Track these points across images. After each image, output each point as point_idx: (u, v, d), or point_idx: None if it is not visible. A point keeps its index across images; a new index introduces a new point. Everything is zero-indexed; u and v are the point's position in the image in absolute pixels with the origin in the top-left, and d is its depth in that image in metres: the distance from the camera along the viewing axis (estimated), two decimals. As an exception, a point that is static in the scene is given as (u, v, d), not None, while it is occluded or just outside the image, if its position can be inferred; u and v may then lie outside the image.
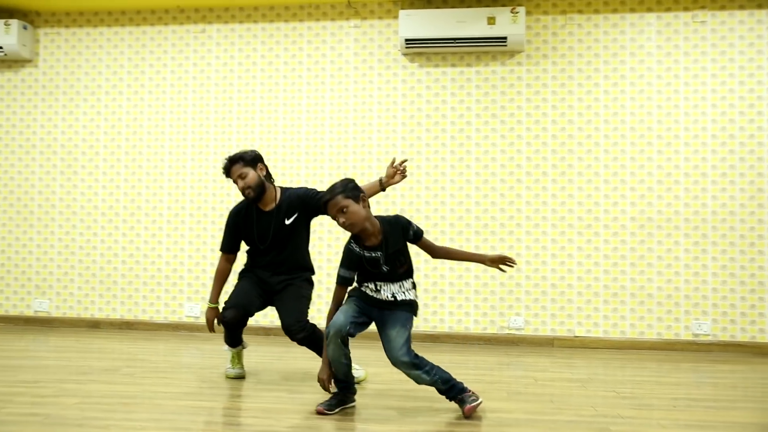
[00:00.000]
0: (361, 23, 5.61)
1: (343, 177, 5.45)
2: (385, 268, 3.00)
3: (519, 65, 5.43)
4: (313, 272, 3.84)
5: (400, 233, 3.03)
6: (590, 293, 5.26)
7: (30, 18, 5.98)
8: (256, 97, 5.70)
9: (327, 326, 2.98)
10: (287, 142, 5.63)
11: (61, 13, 5.96)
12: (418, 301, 3.16)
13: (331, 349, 2.95)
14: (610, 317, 5.22)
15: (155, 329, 5.64)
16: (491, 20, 5.21)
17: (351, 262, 3.02)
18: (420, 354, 3.01)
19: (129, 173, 5.80)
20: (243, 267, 3.84)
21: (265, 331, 5.45)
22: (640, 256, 5.22)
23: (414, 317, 3.10)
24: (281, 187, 3.79)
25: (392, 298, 3.04)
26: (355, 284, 3.10)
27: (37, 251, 5.88)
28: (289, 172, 5.60)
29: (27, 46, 5.84)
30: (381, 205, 5.46)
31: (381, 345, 3.02)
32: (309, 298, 3.72)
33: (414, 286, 3.14)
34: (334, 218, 2.93)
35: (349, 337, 2.97)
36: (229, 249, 3.77)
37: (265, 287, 3.69)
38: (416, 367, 2.93)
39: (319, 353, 3.39)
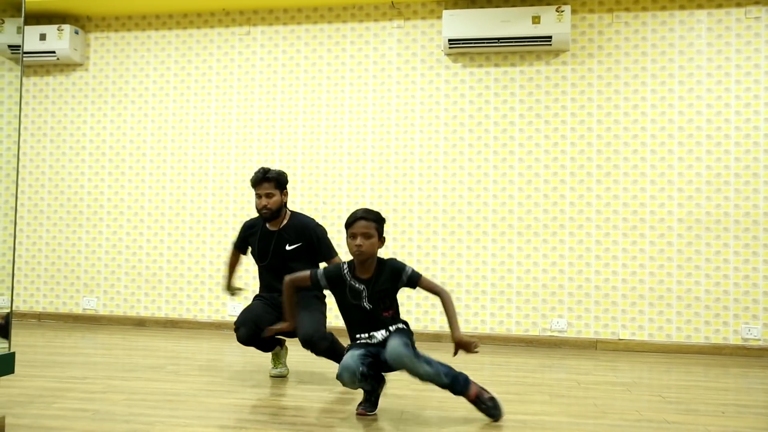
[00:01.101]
0: (405, 24, 5.61)
1: (385, 177, 5.49)
2: (367, 305, 2.96)
3: (564, 64, 5.36)
4: (321, 292, 3.69)
5: (389, 274, 2.97)
6: (635, 296, 5.16)
7: (81, 23, 6.14)
8: (299, 98, 5.75)
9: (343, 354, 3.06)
10: (330, 143, 5.66)
11: (110, 17, 6.10)
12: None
13: (352, 387, 2.95)
14: (655, 320, 5.12)
15: (199, 328, 5.73)
16: (536, 19, 5.15)
17: (333, 277, 3.03)
18: (459, 356, 2.98)
19: (175, 174, 5.90)
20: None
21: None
22: (687, 259, 5.10)
23: (412, 335, 3.04)
24: (291, 211, 3.84)
25: (387, 334, 2.97)
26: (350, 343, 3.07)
27: (86, 250, 6.03)
28: (332, 173, 5.63)
29: (78, 50, 6.00)
30: (423, 206, 5.45)
31: (425, 348, 3.01)
32: (322, 313, 3.67)
33: (406, 327, 3.07)
34: (351, 236, 2.93)
35: (365, 376, 2.90)
36: (238, 247, 3.97)
37: (275, 307, 3.66)
38: (417, 357, 2.84)
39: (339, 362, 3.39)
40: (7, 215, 2.91)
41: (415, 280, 3.01)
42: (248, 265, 5.73)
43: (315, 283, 3.06)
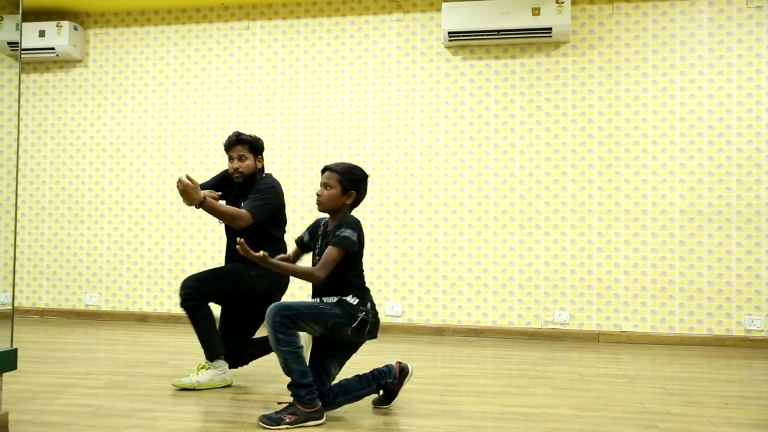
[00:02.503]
0: (404, 17, 5.59)
1: (386, 171, 5.48)
2: (317, 257, 2.89)
3: (564, 56, 5.34)
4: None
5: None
6: (637, 288, 5.15)
7: (80, 19, 6.12)
8: (299, 92, 5.74)
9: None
10: (330, 137, 5.65)
11: (109, 13, 6.09)
12: (359, 314, 2.79)
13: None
14: (658, 312, 5.11)
15: (202, 323, 5.73)
16: (536, 11, 5.14)
17: (313, 227, 2.99)
18: (462, 350, 2.96)
19: (175, 169, 5.89)
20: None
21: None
22: (689, 250, 5.09)
23: (336, 317, 2.75)
24: (265, 176, 3.60)
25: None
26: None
27: (88, 247, 6.03)
28: (332, 167, 5.61)
29: (77, 46, 5.98)
30: (424, 199, 5.45)
31: (427, 341, 2.99)
32: (231, 274, 3.41)
33: (344, 305, 2.79)
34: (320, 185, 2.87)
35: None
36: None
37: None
38: (278, 341, 2.66)
39: (198, 332, 3.33)
40: (8, 212, 2.91)
41: (335, 242, 2.76)
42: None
43: (299, 241, 3.00)
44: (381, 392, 3.00)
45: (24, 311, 6.04)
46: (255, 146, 3.52)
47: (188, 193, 3.20)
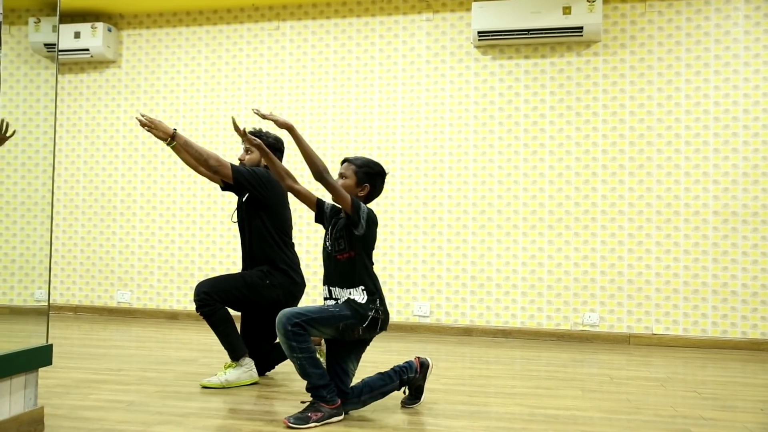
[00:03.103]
0: (433, 16, 5.58)
1: (415, 171, 5.48)
2: (329, 244, 2.86)
3: (595, 55, 5.29)
4: (274, 266, 3.45)
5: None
6: (669, 290, 5.08)
7: (114, 21, 6.21)
8: (328, 92, 5.76)
9: None
10: (359, 137, 5.66)
11: (142, 14, 6.17)
12: (369, 313, 2.77)
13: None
14: (690, 315, 5.03)
15: (231, 321, 5.78)
16: (567, 10, 5.09)
17: (329, 207, 2.97)
18: (491, 351, 2.95)
19: (206, 169, 5.95)
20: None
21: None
22: (723, 252, 5.01)
23: (346, 319, 2.73)
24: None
25: (334, 303, 2.82)
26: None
27: (120, 245, 6.12)
28: (361, 167, 5.62)
29: (111, 47, 6.08)
30: (453, 199, 5.43)
31: (455, 342, 2.98)
32: (245, 283, 3.40)
33: (353, 305, 2.77)
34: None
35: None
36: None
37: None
38: (291, 349, 2.65)
39: (218, 336, 3.37)
40: (44, 210, 2.97)
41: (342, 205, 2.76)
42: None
43: (320, 205, 2.97)
44: (406, 391, 3.01)
45: (58, 308, 6.15)
46: (268, 144, 3.49)
47: (155, 125, 3.20)
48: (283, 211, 3.55)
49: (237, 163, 3.57)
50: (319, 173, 2.74)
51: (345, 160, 2.93)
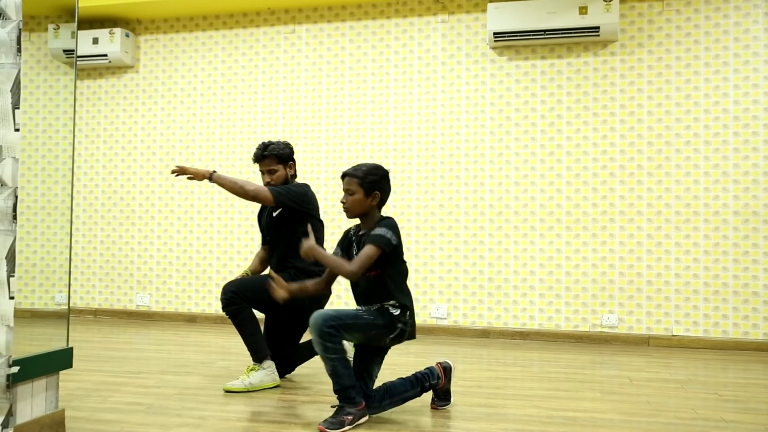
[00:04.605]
0: (449, 18, 5.57)
1: (431, 173, 5.47)
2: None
3: (612, 55, 5.26)
4: (301, 271, 3.48)
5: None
6: (689, 291, 5.03)
7: (131, 26, 6.27)
8: (344, 95, 5.77)
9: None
10: (375, 139, 5.67)
11: (159, 20, 6.22)
12: (398, 325, 2.80)
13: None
14: (710, 316, 4.98)
15: (249, 323, 5.80)
16: (583, 10, 5.06)
17: (343, 240, 2.97)
18: (508, 352, 2.94)
19: (223, 172, 5.99)
20: None
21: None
22: (744, 252, 4.95)
23: (378, 328, 2.77)
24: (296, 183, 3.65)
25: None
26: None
27: (138, 248, 6.17)
28: (377, 169, 5.62)
29: (129, 52, 6.13)
30: (469, 201, 5.42)
31: (472, 344, 2.97)
32: (270, 283, 3.42)
33: (386, 314, 2.80)
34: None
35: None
36: (262, 240, 3.78)
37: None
38: (326, 349, 2.66)
39: (242, 336, 3.39)
40: (63, 215, 3.00)
41: (370, 241, 2.74)
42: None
43: (347, 249, 2.96)
44: (433, 395, 3.02)
45: (78, 311, 6.21)
46: (282, 156, 3.53)
47: (190, 172, 3.29)
48: (314, 221, 3.58)
49: (265, 184, 3.55)
50: (350, 272, 2.71)
51: (345, 175, 2.87)
